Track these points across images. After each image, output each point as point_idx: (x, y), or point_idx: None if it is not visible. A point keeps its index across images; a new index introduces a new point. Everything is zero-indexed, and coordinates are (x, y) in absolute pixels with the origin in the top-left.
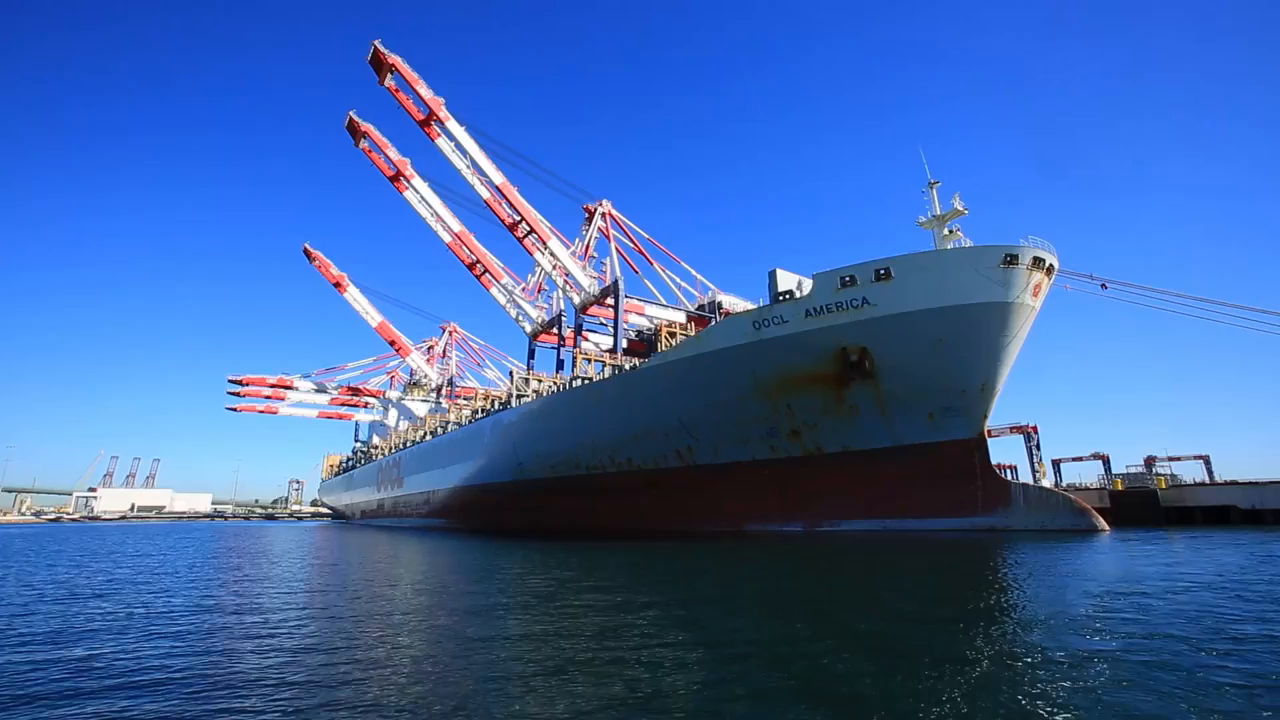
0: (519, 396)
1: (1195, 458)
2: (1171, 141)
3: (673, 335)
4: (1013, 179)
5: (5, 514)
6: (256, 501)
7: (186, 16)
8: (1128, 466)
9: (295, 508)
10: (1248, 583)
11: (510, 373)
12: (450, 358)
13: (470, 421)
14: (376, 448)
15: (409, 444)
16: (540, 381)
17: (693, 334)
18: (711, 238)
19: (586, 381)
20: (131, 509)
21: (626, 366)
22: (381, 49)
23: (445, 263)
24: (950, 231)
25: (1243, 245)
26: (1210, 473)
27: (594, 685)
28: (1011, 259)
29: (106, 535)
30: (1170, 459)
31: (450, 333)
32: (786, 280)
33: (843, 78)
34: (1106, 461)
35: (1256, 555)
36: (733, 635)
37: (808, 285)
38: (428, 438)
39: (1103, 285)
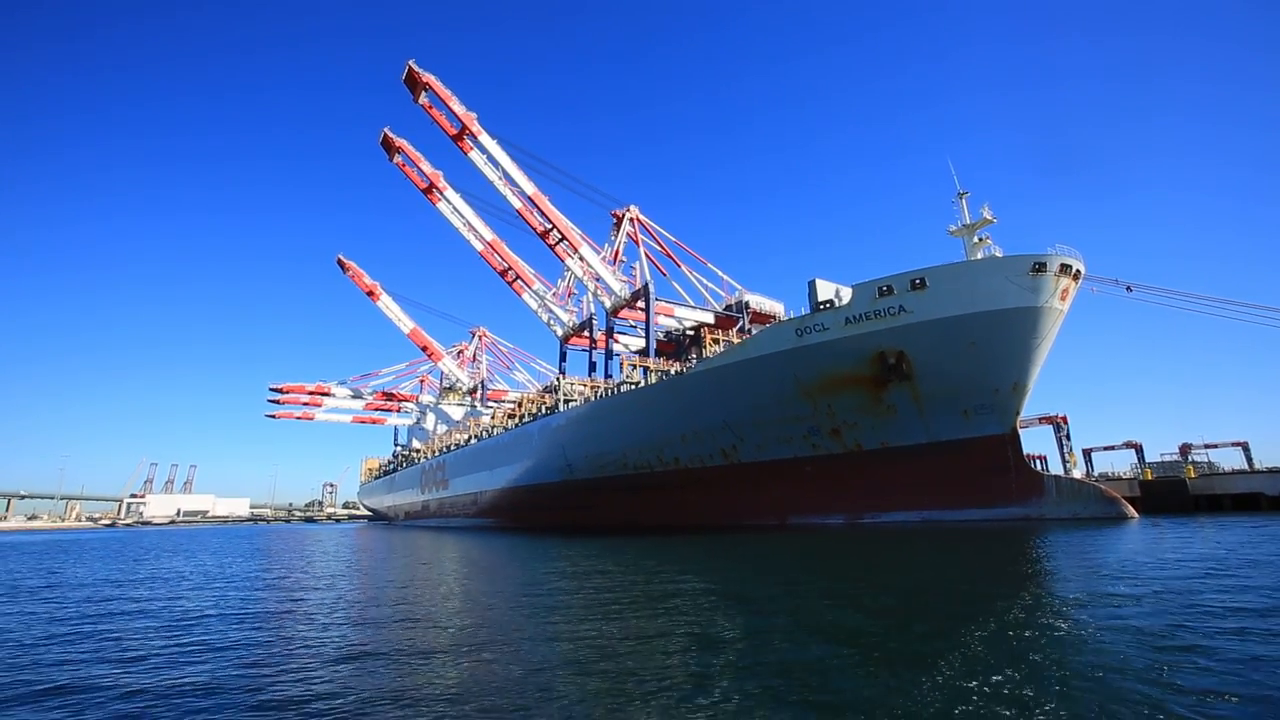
0: (566, 401)
1: (1233, 444)
2: (1176, 142)
3: (716, 342)
4: (1020, 173)
5: (63, 520)
6: (291, 505)
7: (202, 16)
8: (1162, 455)
9: (331, 510)
10: (1231, 553)
11: (557, 378)
12: (481, 362)
13: (518, 425)
14: (418, 451)
15: (452, 447)
16: (586, 387)
17: (722, 334)
18: (731, 234)
19: (633, 386)
20: (178, 514)
21: (672, 371)
22: (416, 68)
23: (474, 268)
24: (980, 240)
25: (1250, 241)
26: (1249, 460)
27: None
28: (1040, 267)
29: (195, 538)
30: (1207, 446)
31: (480, 337)
32: (825, 290)
33: (847, 75)
34: (1139, 450)
35: (1257, 536)
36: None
37: (845, 294)
38: (472, 441)
39: (1128, 288)
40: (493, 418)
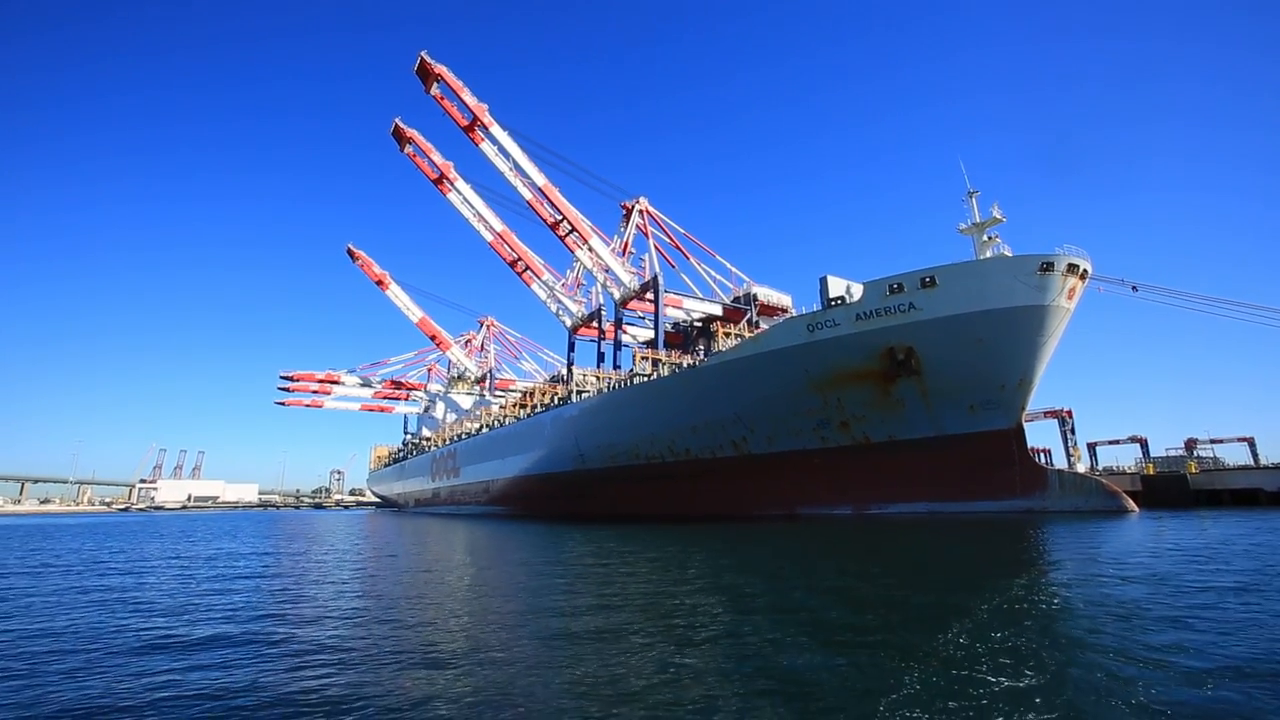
0: (579, 392)
1: (1239, 440)
2: (1181, 143)
3: (728, 335)
4: (1028, 173)
5: (75, 504)
6: (299, 491)
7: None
8: (1167, 449)
9: (338, 497)
10: (1219, 544)
11: (567, 369)
12: (488, 351)
13: (529, 415)
14: (428, 439)
15: (463, 436)
16: (597, 378)
17: (731, 326)
18: (739, 227)
19: (644, 378)
20: (189, 499)
21: (683, 364)
22: (428, 59)
23: (483, 258)
24: (989, 238)
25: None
26: (1255, 455)
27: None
28: (1048, 266)
29: (220, 522)
30: (1212, 441)
31: (488, 326)
32: (837, 286)
33: (854, 72)
34: (1144, 445)
35: (1248, 529)
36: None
37: (856, 290)
38: (483, 430)
39: (1133, 288)
40: (502, 407)
